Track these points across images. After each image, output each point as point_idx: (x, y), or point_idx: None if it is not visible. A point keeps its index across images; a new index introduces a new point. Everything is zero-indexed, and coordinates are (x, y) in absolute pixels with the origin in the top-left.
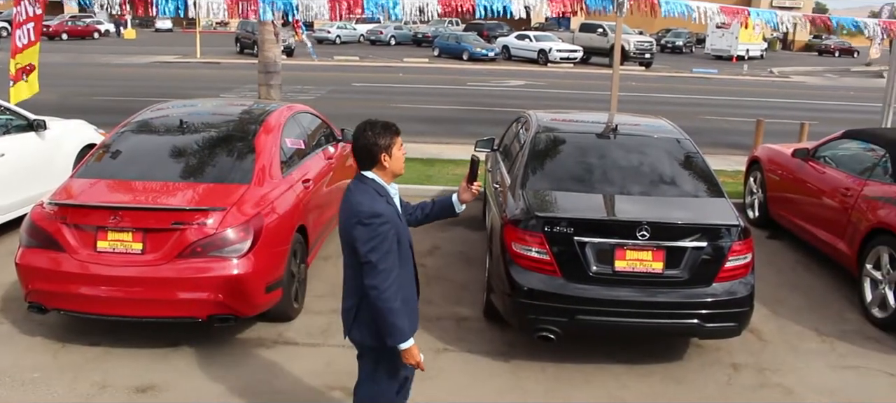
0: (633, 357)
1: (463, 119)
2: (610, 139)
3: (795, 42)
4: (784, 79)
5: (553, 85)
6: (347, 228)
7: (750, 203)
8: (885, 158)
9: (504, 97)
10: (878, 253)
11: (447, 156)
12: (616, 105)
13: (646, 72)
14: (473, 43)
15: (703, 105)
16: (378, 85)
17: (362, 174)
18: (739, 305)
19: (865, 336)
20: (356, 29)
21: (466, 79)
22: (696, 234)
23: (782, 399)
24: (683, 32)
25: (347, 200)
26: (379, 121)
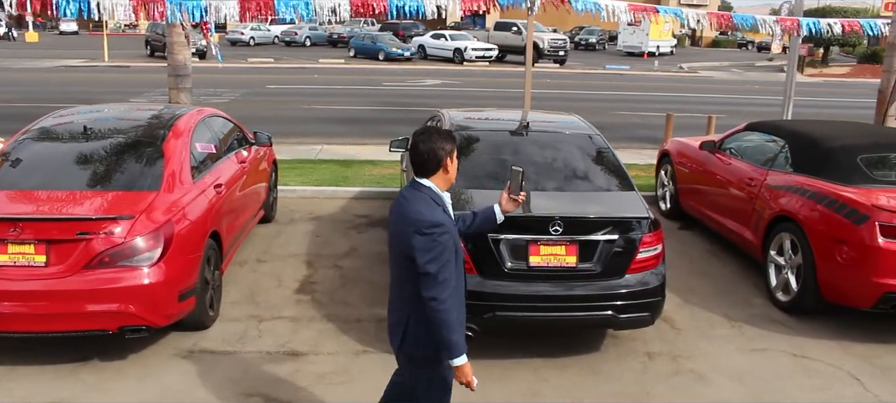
0: (552, 350)
1: (379, 119)
2: (523, 136)
3: (703, 38)
4: (693, 75)
5: (469, 83)
6: (403, 237)
7: (661, 195)
8: (785, 148)
9: (420, 96)
10: (781, 239)
11: (364, 156)
12: (530, 102)
13: (560, 69)
14: (389, 43)
15: (616, 100)
16: (293, 86)
17: (418, 181)
18: (652, 295)
19: (771, 320)
20: (270, 30)
21: (382, 79)
22: (607, 228)
23: (695, 384)
24: (596, 30)
25: (403, 208)
26: (439, 128)
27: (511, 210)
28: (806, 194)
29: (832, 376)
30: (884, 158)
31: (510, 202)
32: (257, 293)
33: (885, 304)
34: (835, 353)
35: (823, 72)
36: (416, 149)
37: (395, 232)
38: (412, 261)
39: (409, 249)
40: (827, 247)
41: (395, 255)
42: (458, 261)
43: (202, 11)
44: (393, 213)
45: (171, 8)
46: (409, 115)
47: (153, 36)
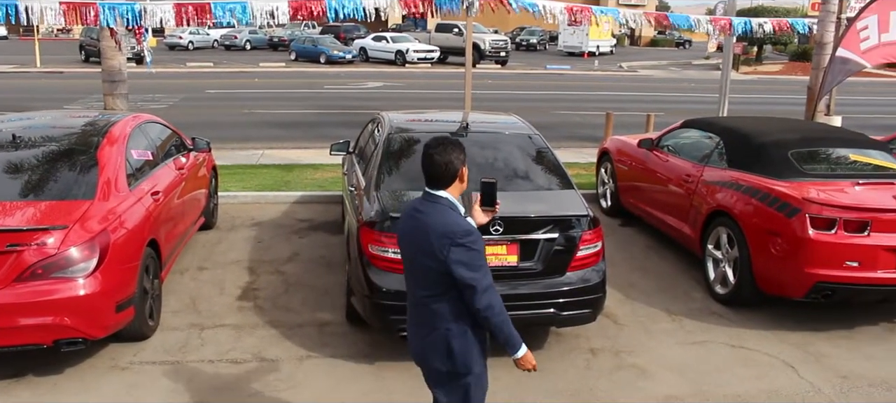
0: (496, 349)
1: (321, 122)
2: (463, 137)
3: (642, 38)
4: (632, 74)
5: (411, 85)
6: (436, 252)
7: (602, 193)
8: (720, 145)
9: (362, 99)
10: (718, 233)
11: (306, 160)
12: (470, 103)
13: (502, 69)
14: (330, 46)
15: (557, 100)
16: (233, 91)
17: (432, 193)
18: (593, 292)
19: (710, 312)
20: (209, 34)
21: (324, 82)
22: (547, 226)
23: (637, 378)
24: (537, 30)
25: (425, 222)
26: (450, 138)
27: (484, 222)
28: (740, 189)
29: (768, 365)
30: (813, 152)
31: (484, 214)
32: (198, 301)
33: (817, 293)
34: (771, 342)
35: (757, 70)
36: (432, 160)
37: (418, 247)
38: (446, 275)
39: (443, 263)
40: (761, 240)
41: (419, 272)
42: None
43: (136, 16)
44: (409, 229)
45: (104, 12)
46: (351, 118)
47: (87, 41)
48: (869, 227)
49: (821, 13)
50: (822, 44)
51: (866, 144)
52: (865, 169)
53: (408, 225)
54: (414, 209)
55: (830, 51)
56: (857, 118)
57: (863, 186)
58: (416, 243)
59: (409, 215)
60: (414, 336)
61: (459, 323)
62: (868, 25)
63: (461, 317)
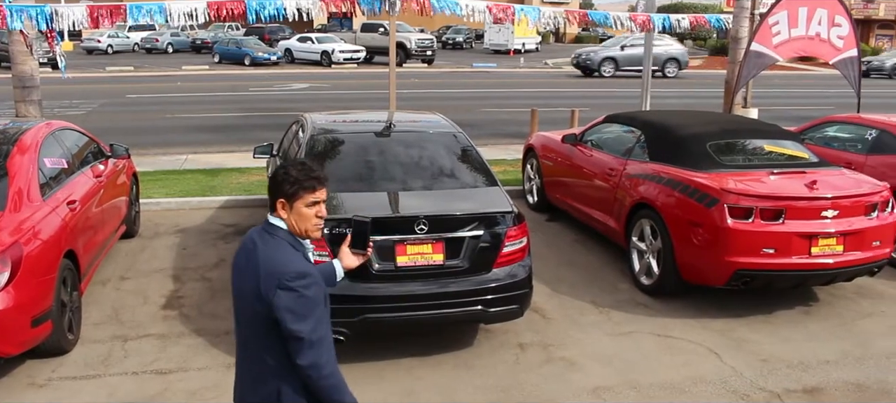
0: (425, 348)
1: (247, 125)
2: (387, 137)
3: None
4: (557, 70)
5: (337, 86)
6: (262, 293)
7: (529, 189)
8: (642, 138)
9: (288, 101)
10: (642, 225)
11: (231, 164)
12: (395, 103)
13: (428, 68)
14: (255, 47)
15: (484, 98)
16: (155, 95)
17: (272, 223)
18: (519, 287)
19: (636, 303)
20: (129, 37)
21: (249, 84)
22: (472, 224)
23: (566, 371)
24: (463, 29)
25: (255, 257)
26: (303, 162)
27: (354, 266)
28: (662, 181)
29: (693, 352)
30: (730, 144)
31: (354, 257)
32: (121, 311)
33: (737, 281)
34: (695, 330)
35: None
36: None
37: (245, 285)
38: (275, 323)
39: (269, 307)
40: (683, 231)
41: (247, 315)
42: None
43: (47, 18)
44: (241, 263)
45: (11, 14)
46: (277, 120)
47: None
48: (783, 215)
49: (735, 9)
50: (737, 39)
51: (780, 135)
52: (779, 159)
53: (240, 258)
54: (249, 239)
55: (745, 45)
56: (772, 110)
57: (777, 176)
58: (244, 280)
59: (243, 245)
60: (238, 386)
61: (295, 379)
62: (779, 21)
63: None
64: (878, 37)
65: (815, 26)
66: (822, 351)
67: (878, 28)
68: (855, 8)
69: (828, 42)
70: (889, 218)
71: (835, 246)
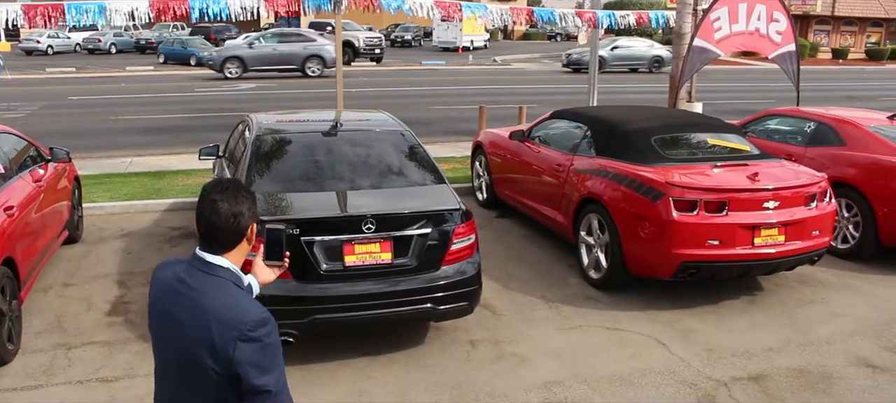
0: (377, 347)
1: (193, 126)
2: (334, 136)
3: (515, 32)
4: (506, 67)
5: (284, 85)
6: (218, 348)
7: (478, 186)
8: (588, 134)
9: (235, 101)
10: (590, 220)
11: (177, 166)
12: (342, 102)
13: (377, 67)
14: (201, 47)
15: (433, 96)
16: (98, 97)
17: (208, 261)
18: (468, 284)
19: (586, 297)
20: (70, 37)
21: (195, 84)
22: (419, 222)
23: (517, 366)
24: (412, 27)
25: (198, 304)
26: (240, 182)
27: (271, 279)
28: (608, 176)
29: (642, 344)
30: (675, 138)
31: (269, 271)
32: (64, 319)
33: (683, 273)
34: (643, 322)
35: None
36: (216, 209)
37: (188, 337)
38: (232, 380)
39: (227, 365)
40: (630, 225)
41: (189, 372)
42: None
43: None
44: (172, 309)
45: None
46: (224, 120)
47: None
48: (727, 207)
49: (678, 5)
50: (681, 34)
51: (723, 129)
52: (722, 152)
53: (169, 303)
54: (178, 280)
55: (688, 41)
56: (716, 104)
57: (720, 168)
58: (181, 331)
59: (170, 287)
60: None
61: None
62: (720, 16)
63: None
64: (816, 32)
65: (755, 22)
66: (766, 339)
67: (816, 23)
68: (793, 4)
69: (767, 37)
70: (827, 207)
71: (777, 237)
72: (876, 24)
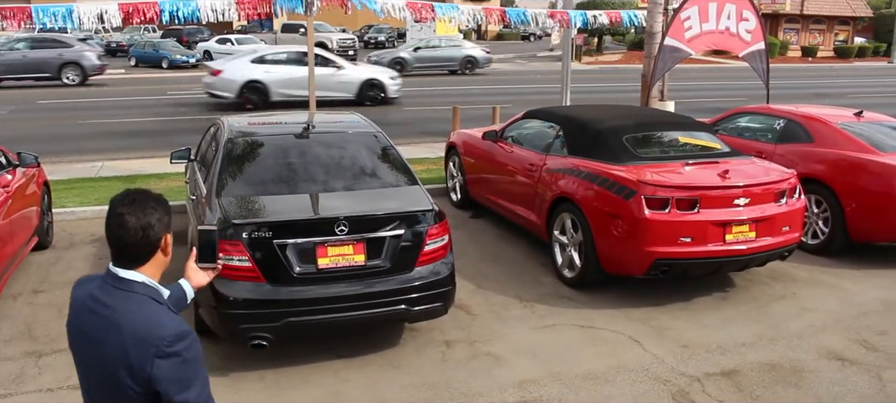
0: (351, 349)
1: (166, 130)
2: (306, 139)
3: (488, 32)
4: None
5: None
6: (134, 367)
7: (452, 186)
8: (561, 133)
9: (208, 104)
10: (563, 219)
11: (149, 170)
12: (315, 104)
13: None
14: (172, 50)
15: (406, 97)
16: (68, 101)
17: (121, 276)
18: (443, 285)
19: (560, 296)
20: None
21: (167, 87)
22: (393, 223)
23: (492, 366)
24: (385, 28)
25: (113, 323)
26: (150, 192)
27: (204, 283)
28: (581, 175)
29: (616, 341)
30: (647, 137)
31: (202, 274)
32: (34, 326)
33: (656, 270)
34: (617, 320)
35: (599, 60)
36: (123, 223)
37: (104, 357)
38: (150, 397)
39: (145, 382)
40: (603, 223)
41: (106, 393)
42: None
43: None
44: (88, 329)
45: None
46: (197, 124)
47: None
48: (698, 204)
49: (649, 4)
50: (652, 34)
51: (694, 127)
52: (694, 150)
53: (85, 322)
54: (92, 298)
55: (660, 40)
56: (688, 102)
57: (692, 166)
58: (98, 350)
59: (85, 306)
60: None
61: None
62: (690, 16)
63: None
64: (785, 30)
65: (725, 21)
66: (739, 335)
67: (786, 22)
68: (763, 3)
69: (737, 36)
70: (797, 203)
71: (748, 233)
72: (844, 22)
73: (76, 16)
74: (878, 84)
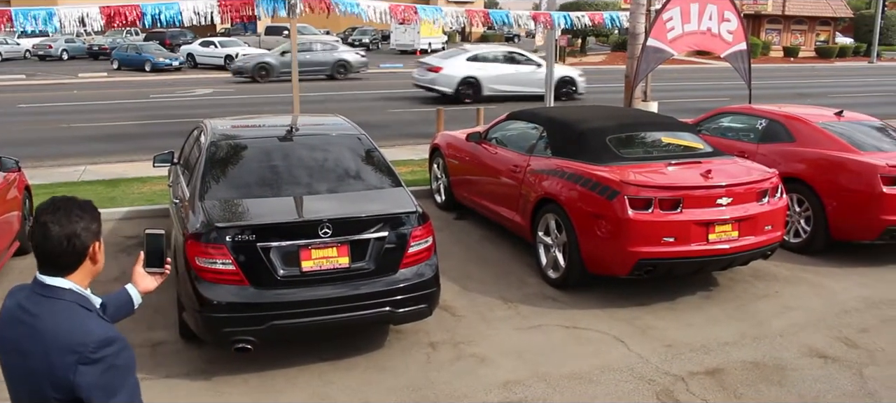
0: (337, 352)
1: (148, 133)
2: (289, 141)
3: (473, 34)
4: None
5: (242, 90)
6: (57, 375)
7: (436, 188)
8: (544, 134)
9: (191, 107)
10: (547, 220)
11: (132, 174)
12: (299, 106)
13: None
14: (155, 53)
15: (391, 98)
16: (50, 104)
17: (48, 284)
18: (427, 287)
19: (544, 297)
20: (20, 43)
21: (150, 91)
22: (376, 225)
23: (477, 367)
24: (369, 30)
25: (38, 331)
26: (76, 199)
27: (152, 288)
28: (565, 176)
29: (600, 341)
30: (630, 137)
31: (150, 278)
32: None
33: (640, 270)
34: (602, 320)
35: (582, 61)
36: (46, 232)
37: (29, 367)
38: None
39: (68, 390)
40: (587, 224)
41: (33, 401)
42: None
43: None
44: (14, 338)
45: None
46: (180, 127)
47: None
48: (681, 204)
49: (631, 5)
50: (635, 34)
51: (677, 127)
52: (676, 150)
53: (12, 332)
54: (19, 307)
55: (642, 41)
56: (672, 103)
57: (675, 166)
58: (23, 362)
59: (13, 315)
60: None
61: None
62: (672, 16)
63: None
64: (767, 31)
65: (707, 21)
66: (722, 334)
67: (768, 23)
68: (745, 3)
69: (719, 36)
70: (779, 202)
71: (730, 232)
72: (825, 22)
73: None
74: (858, 83)
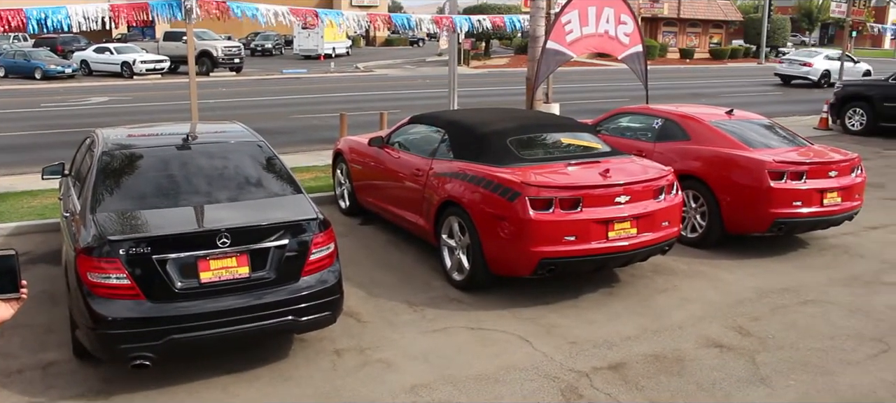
0: (240, 363)
1: (39, 144)
2: (186, 150)
3: (377, 38)
4: (368, 73)
5: (140, 98)
6: None
7: (340, 194)
8: (446, 137)
9: (86, 116)
10: (450, 223)
11: (21, 187)
12: (197, 114)
13: (237, 77)
14: (46, 59)
15: (294, 104)
16: None
17: None
18: (329, 294)
19: (449, 299)
20: None
21: (41, 100)
22: (276, 234)
23: (383, 372)
24: (272, 35)
25: None
26: None
27: (8, 316)
28: (467, 178)
29: (506, 342)
30: (530, 139)
31: (4, 305)
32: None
33: (542, 270)
34: (507, 321)
35: (487, 64)
36: None
37: None
38: None
39: None
40: (489, 226)
41: None
42: None
43: None
44: None
45: None
46: (73, 137)
47: None
48: (581, 204)
49: (531, 9)
50: (535, 37)
51: (576, 128)
52: (576, 151)
53: None
54: None
55: (542, 44)
56: (573, 104)
57: (574, 166)
58: None
59: None
60: None
61: None
62: (571, 20)
63: None
64: (664, 33)
65: (604, 24)
66: (624, 329)
67: (664, 25)
68: (643, 7)
69: (616, 39)
70: (675, 199)
71: (629, 230)
72: (717, 25)
73: None
74: (749, 83)
